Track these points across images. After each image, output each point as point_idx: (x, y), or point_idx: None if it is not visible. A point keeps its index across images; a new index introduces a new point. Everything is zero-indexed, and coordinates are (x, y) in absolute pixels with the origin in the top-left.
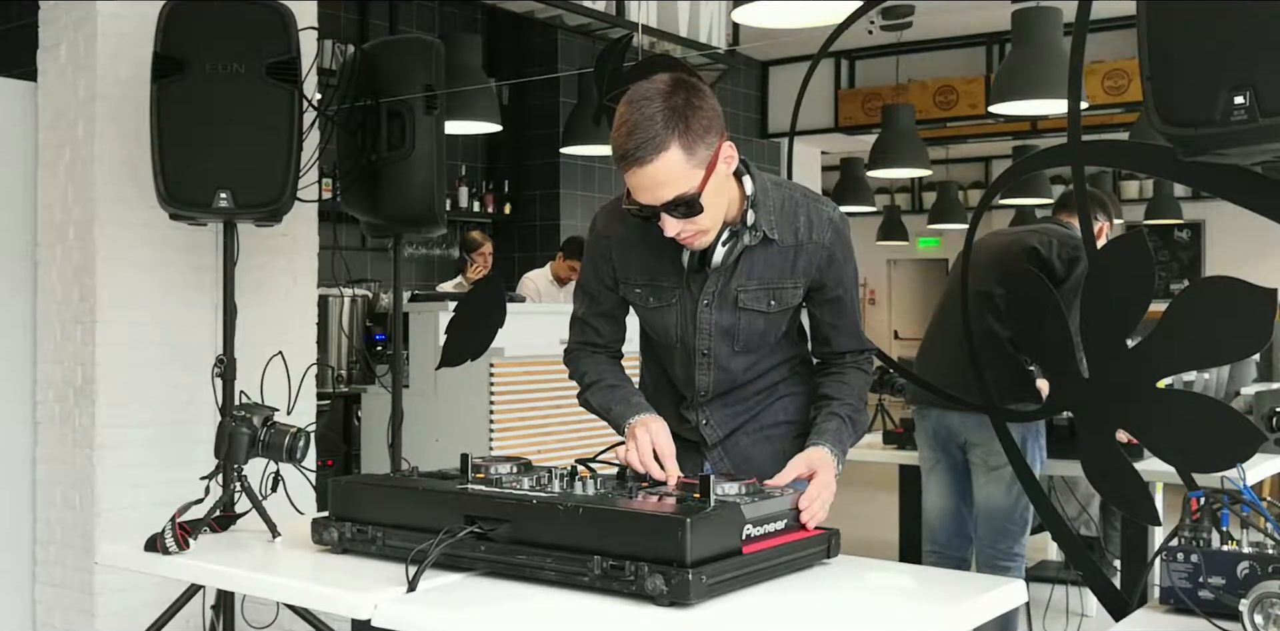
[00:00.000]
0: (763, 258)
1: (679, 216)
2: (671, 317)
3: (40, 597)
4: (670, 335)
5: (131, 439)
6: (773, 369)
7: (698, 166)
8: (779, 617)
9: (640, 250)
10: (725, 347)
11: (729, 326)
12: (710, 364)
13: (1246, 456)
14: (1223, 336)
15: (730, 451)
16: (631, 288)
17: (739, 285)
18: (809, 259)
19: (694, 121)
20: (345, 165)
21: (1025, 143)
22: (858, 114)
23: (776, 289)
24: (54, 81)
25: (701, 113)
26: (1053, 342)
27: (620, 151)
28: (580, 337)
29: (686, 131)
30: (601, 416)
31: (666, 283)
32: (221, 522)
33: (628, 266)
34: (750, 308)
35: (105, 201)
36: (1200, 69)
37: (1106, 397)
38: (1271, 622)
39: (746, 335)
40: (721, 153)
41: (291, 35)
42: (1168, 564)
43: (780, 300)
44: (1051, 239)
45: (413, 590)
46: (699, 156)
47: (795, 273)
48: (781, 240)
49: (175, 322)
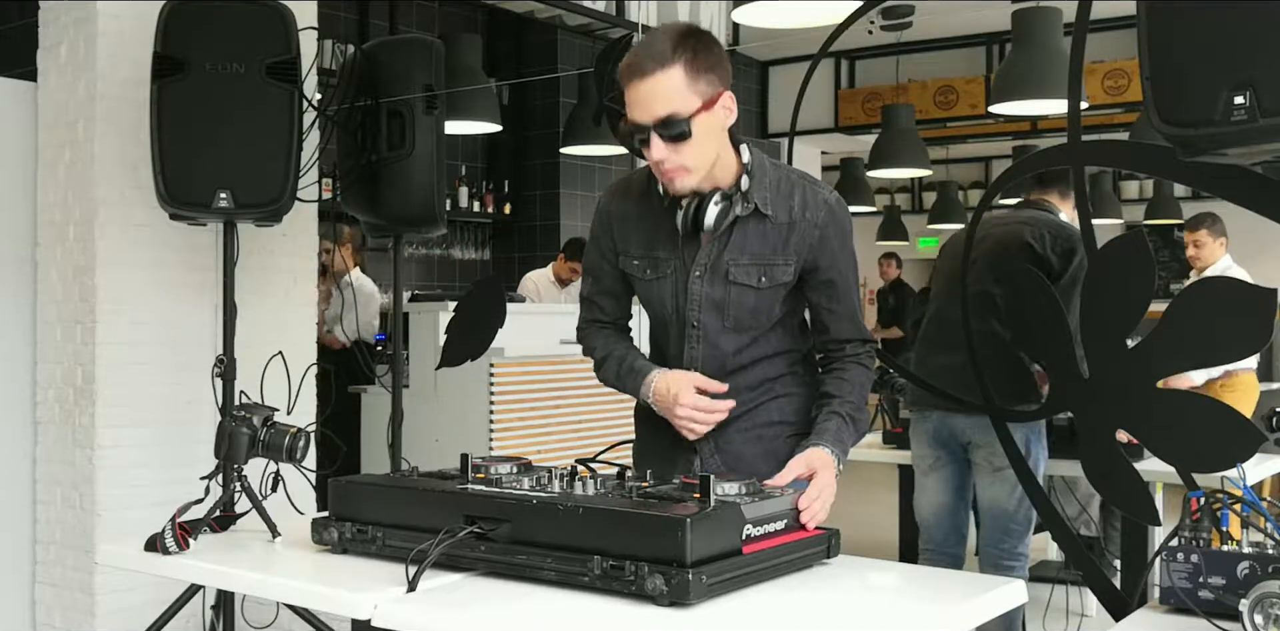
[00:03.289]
0: (756, 232)
1: (666, 139)
2: (666, 289)
3: (40, 597)
4: (665, 307)
5: (131, 439)
6: (766, 360)
7: (696, 95)
8: (779, 617)
9: (639, 223)
10: (715, 322)
11: (719, 300)
12: (700, 337)
13: (1246, 456)
14: (1223, 336)
15: (722, 448)
16: (630, 259)
17: (731, 258)
18: (801, 237)
19: (702, 55)
20: (345, 165)
21: (1025, 143)
22: (858, 114)
23: (768, 265)
24: (54, 81)
25: (711, 54)
26: (1053, 342)
27: (626, 67)
28: (588, 315)
29: (694, 59)
30: (618, 388)
31: (662, 254)
32: (221, 522)
33: (627, 239)
34: (740, 281)
35: (105, 201)
36: (1200, 69)
37: (1106, 397)
38: (1271, 622)
39: (736, 310)
40: (722, 99)
41: (291, 35)
42: (1168, 564)
43: (771, 277)
44: (1044, 232)
45: (413, 590)
46: (699, 87)
47: (787, 250)
48: (775, 216)
49: (175, 322)
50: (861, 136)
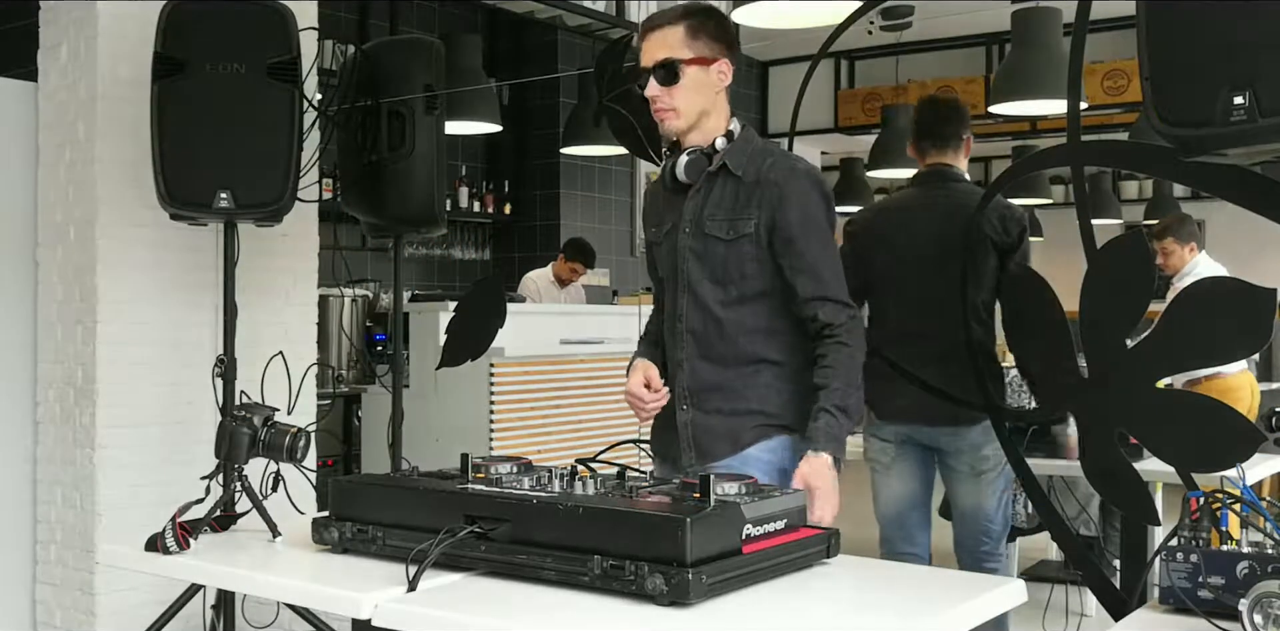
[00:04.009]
0: (731, 190)
1: (659, 80)
2: (667, 247)
3: (40, 597)
4: (666, 266)
5: (131, 439)
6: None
7: (691, 50)
8: (779, 617)
9: (659, 197)
10: (698, 272)
11: (700, 251)
12: (686, 286)
13: (1246, 456)
14: (1223, 336)
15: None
16: (649, 228)
17: (709, 214)
18: (763, 193)
19: (708, 25)
20: (345, 165)
21: (1025, 143)
22: (858, 114)
23: (735, 220)
24: (54, 81)
25: (718, 26)
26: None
27: (642, 24)
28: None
29: (700, 27)
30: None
31: (667, 218)
32: (222, 522)
33: (650, 212)
34: (712, 234)
35: (106, 201)
36: (1200, 69)
37: (1106, 397)
38: (1271, 622)
39: (712, 262)
40: (718, 64)
41: (292, 35)
42: (1167, 564)
43: (736, 229)
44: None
45: (413, 590)
46: (697, 46)
47: (750, 205)
48: (744, 176)
49: (175, 322)
50: (861, 136)
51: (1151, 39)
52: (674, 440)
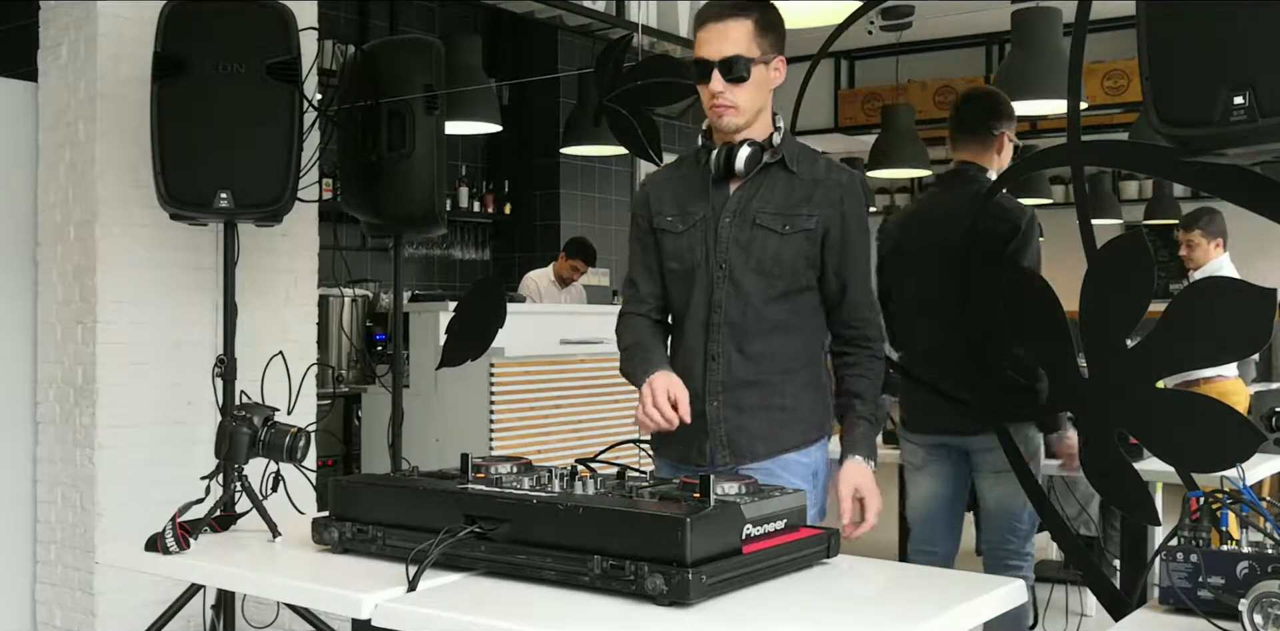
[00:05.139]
0: (784, 185)
1: (725, 77)
2: (696, 236)
3: (40, 597)
4: (695, 254)
5: (131, 439)
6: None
7: (759, 49)
8: (779, 617)
9: (674, 186)
10: (741, 262)
11: (746, 242)
12: (725, 277)
13: (1246, 456)
14: (1223, 336)
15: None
16: (664, 218)
17: (758, 206)
18: (825, 194)
19: (771, 18)
20: (345, 165)
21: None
22: (858, 114)
23: (792, 215)
24: (54, 81)
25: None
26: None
27: (704, 10)
28: (625, 297)
29: (763, 19)
30: (629, 376)
31: (694, 207)
32: (222, 522)
33: (661, 202)
34: (765, 226)
35: (105, 201)
36: (1200, 69)
37: (1106, 397)
38: (1271, 622)
39: (760, 252)
40: (776, 61)
41: (292, 35)
42: (1167, 564)
43: (794, 224)
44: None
45: (413, 590)
46: (764, 43)
47: (810, 204)
48: (800, 173)
49: (175, 322)
50: (861, 136)
51: (1151, 39)
52: (694, 438)
